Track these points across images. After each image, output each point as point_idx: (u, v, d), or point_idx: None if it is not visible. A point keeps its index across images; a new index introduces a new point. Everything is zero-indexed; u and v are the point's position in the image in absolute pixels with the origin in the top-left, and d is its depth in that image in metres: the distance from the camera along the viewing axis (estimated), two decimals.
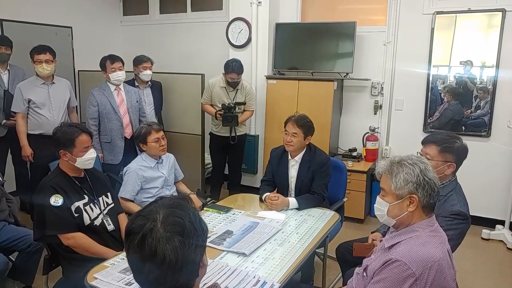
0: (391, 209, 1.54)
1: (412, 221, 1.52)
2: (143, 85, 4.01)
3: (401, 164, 1.52)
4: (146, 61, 3.91)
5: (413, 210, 1.49)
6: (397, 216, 1.53)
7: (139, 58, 3.94)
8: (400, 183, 1.50)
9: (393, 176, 1.51)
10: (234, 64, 3.82)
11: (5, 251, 2.43)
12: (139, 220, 0.96)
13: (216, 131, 4.10)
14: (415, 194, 1.48)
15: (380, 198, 1.59)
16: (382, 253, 1.59)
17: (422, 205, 1.49)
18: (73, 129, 2.24)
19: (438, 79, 4.10)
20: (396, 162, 1.54)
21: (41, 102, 3.43)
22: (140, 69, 3.90)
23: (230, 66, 3.82)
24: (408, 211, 1.50)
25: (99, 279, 1.72)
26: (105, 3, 5.57)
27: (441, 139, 2.14)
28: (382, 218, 1.60)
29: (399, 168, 1.51)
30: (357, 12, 4.45)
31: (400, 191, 1.50)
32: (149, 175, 2.80)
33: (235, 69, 3.81)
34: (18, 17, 4.45)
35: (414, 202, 1.49)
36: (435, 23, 3.97)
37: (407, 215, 1.51)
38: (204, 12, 5.26)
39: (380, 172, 1.59)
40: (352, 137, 4.52)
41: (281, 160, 2.88)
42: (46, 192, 2.09)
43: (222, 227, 2.30)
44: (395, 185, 1.51)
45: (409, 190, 1.49)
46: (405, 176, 1.49)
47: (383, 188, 1.58)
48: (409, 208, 1.50)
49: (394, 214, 1.54)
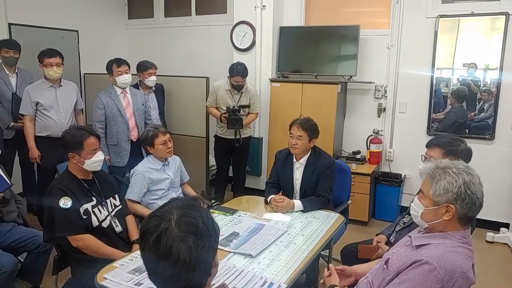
0: (425, 212, 1.50)
1: (445, 228, 1.48)
2: (148, 90, 4.03)
3: (445, 171, 1.45)
4: (150, 68, 3.91)
5: (448, 219, 1.45)
6: (430, 221, 1.49)
7: (143, 64, 3.92)
8: (439, 190, 1.44)
9: (434, 182, 1.46)
10: (238, 68, 3.85)
11: (14, 251, 2.47)
12: (154, 220, 0.99)
13: (221, 134, 4.13)
14: (453, 205, 1.42)
15: (418, 199, 1.55)
16: (408, 249, 1.56)
17: (458, 216, 1.44)
18: (82, 132, 2.28)
19: (441, 82, 4.12)
20: (441, 167, 1.47)
21: (49, 105, 3.47)
22: (145, 76, 3.91)
23: (235, 70, 3.85)
24: (442, 219, 1.45)
25: (108, 279, 1.74)
26: (110, 7, 5.63)
27: (445, 142, 2.15)
28: (415, 218, 1.57)
29: (442, 175, 1.45)
30: (360, 15, 4.48)
31: (438, 198, 1.45)
32: (155, 177, 2.83)
33: (239, 72, 3.84)
34: (26, 21, 4.50)
35: (450, 212, 1.43)
36: (438, 27, 3.99)
37: (440, 223, 1.47)
38: (208, 15, 5.31)
39: (423, 174, 1.54)
40: (356, 139, 4.55)
41: (286, 163, 2.90)
42: (55, 194, 2.13)
43: (228, 228, 2.32)
44: (434, 191, 1.45)
45: (447, 199, 1.43)
46: (446, 184, 1.43)
47: (422, 190, 1.53)
48: (444, 216, 1.45)
49: (428, 218, 1.50)
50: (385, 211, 4.25)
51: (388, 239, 2.36)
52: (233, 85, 3.92)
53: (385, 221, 4.11)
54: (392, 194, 4.20)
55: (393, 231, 2.37)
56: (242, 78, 3.88)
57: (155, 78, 3.98)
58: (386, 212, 4.23)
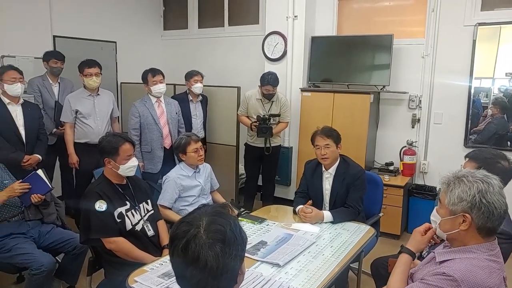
0: (442, 223, 1.50)
1: (466, 240, 1.45)
2: (196, 98, 4.17)
3: (460, 179, 1.43)
4: (196, 74, 4.08)
5: (466, 229, 1.42)
6: (448, 231, 1.48)
7: (190, 72, 4.12)
8: (454, 199, 1.43)
9: (449, 191, 1.45)
10: (269, 77, 3.90)
11: (52, 252, 2.57)
12: (183, 226, 1.01)
13: (251, 142, 4.16)
14: (469, 214, 1.40)
15: (436, 209, 1.55)
16: (432, 265, 1.53)
17: (477, 226, 1.41)
18: (117, 138, 2.38)
19: (480, 92, 3.98)
20: (456, 176, 1.46)
21: (87, 113, 3.61)
22: (191, 83, 4.07)
23: (266, 79, 3.90)
24: (460, 229, 1.43)
25: (139, 282, 1.79)
26: (147, 19, 5.83)
27: (482, 157, 2.06)
28: (437, 229, 1.56)
29: (456, 184, 1.44)
30: (394, 24, 4.42)
31: (454, 207, 1.43)
32: (186, 183, 2.89)
33: (270, 81, 3.88)
34: (69, 33, 4.75)
35: (467, 221, 1.41)
36: (477, 35, 3.87)
37: (458, 233, 1.44)
38: (241, 26, 5.40)
39: (440, 183, 1.54)
40: (389, 151, 4.46)
41: (315, 173, 2.89)
42: (91, 197, 2.22)
43: (256, 237, 2.33)
44: (449, 200, 1.44)
45: (462, 209, 1.41)
46: (459, 193, 1.41)
47: (440, 200, 1.52)
48: (461, 226, 1.43)
49: (445, 228, 1.49)
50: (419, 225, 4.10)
51: (421, 254, 2.29)
52: (264, 94, 3.96)
53: None
54: (426, 207, 4.06)
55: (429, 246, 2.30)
56: (272, 87, 3.91)
57: (201, 85, 4.12)
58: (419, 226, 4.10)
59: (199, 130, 4.17)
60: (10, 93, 3.19)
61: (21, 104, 3.29)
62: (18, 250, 2.45)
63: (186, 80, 4.13)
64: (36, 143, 3.39)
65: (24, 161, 3.23)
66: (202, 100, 4.27)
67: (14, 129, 3.23)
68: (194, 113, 4.17)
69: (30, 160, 3.27)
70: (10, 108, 3.23)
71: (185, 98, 4.15)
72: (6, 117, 3.20)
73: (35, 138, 3.39)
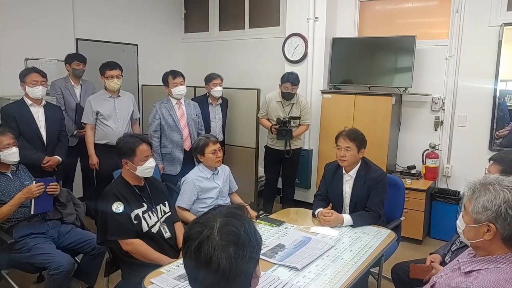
0: (466, 230, 1.44)
1: (491, 250, 1.39)
2: (215, 101, 4.16)
3: (486, 187, 1.37)
4: (215, 78, 4.06)
5: (490, 239, 1.36)
6: (472, 239, 1.42)
7: (209, 75, 4.10)
8: (478, 207, 1.37)
9: (474, 198, 1.39)
10: (289, 76, 3.90)
11: (72, 252, 2.61)
12: (197, 227, 0.99)
13: (271, 144, 4.14)
14: (494, 224, 1.34)
15: (461, 215, 1.50)
16: (456, 275, 1.47)
17: (502, 237, 1.35)
18: (134, 139, 2.38)
19: (506, 95, 3.85)
20: (482, 183, 1.40)
21: (108, 114, 3.66)
22: (210, 86, 4.05)
23: (286, 77, 3.91)
24: (484, 238, 1.37)
25: (155, 284, 1.79)
26: (168, 22, 5.89)
27: (507, 161, 2.00)
28: (461, 236, 1.51)
29: (482, 192, 1.37)
30: (416, 25, 4.32)
31: (478, 215, 1.37)
32: (205, 185, 2.88)
33: (290, 79, 3.87)
34: (91, 36, 4.83)
35: (491, 231, 1.35)
36: (503, 36, 3.74)
37: (483, 242, 1.39)
38: (261, 28, 5.38)
39: (466, 188, 1.47)
40: (411, 154, 4.35)
41: (335, 175, 2.84)
42: (109, 199, 2.23)
43: (274, 240, 2.30)
44: (473, 208, 1.38)
45: (487, 218, 1.35)
46: (484, 202, 1.35)
47: (465, 206, 1.47)
48: (485, 236, 1.37)
49: (469, 236, 1.43)
50: (442, 230, 4.00)
51: (443, 259, 2.22)
52: (283, 93, 3.93)
53: (441, 240, 3.87)
54: (449, 212, 3.95)
55: (449, 251, 2.23)
56: (291, 85, 3.89)
57: (221, 88, 4.10)
58: (442, 231, 3.98)
59: (218, 133, 4.16)
60: (31, 95, 3.26)
61: (43, 105, 3.36)
62: (37, 250, 2.48)
63: (205, 84, 4.13)
64: (56, 144, 3.45)
65: (44, 162, 3.28)
66: (222, 103, 4.26)
67: (36, 130, 3.30)
68: (213, 116, 4.17)
69: (50, 162, 3.33)
70: (32, 109, 3.30)
71: (205, 101, 4.15)
72: (28, 118, 3.27)
73: (56, 140, 3.45)
